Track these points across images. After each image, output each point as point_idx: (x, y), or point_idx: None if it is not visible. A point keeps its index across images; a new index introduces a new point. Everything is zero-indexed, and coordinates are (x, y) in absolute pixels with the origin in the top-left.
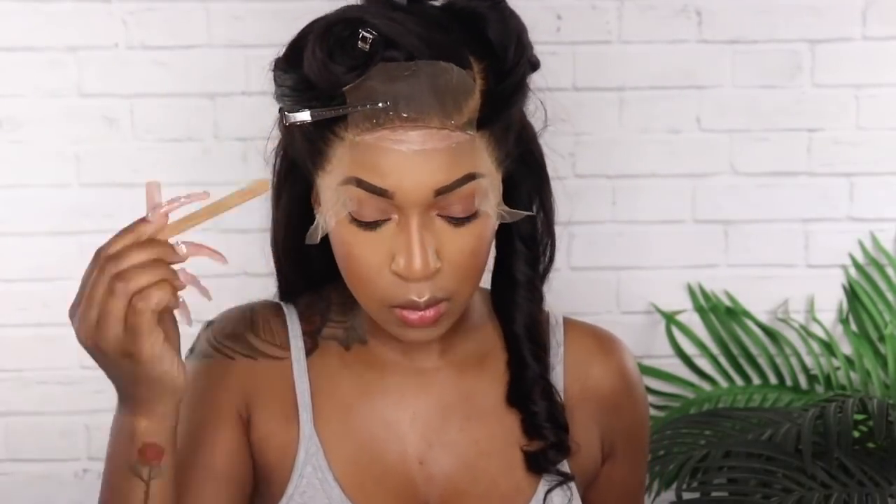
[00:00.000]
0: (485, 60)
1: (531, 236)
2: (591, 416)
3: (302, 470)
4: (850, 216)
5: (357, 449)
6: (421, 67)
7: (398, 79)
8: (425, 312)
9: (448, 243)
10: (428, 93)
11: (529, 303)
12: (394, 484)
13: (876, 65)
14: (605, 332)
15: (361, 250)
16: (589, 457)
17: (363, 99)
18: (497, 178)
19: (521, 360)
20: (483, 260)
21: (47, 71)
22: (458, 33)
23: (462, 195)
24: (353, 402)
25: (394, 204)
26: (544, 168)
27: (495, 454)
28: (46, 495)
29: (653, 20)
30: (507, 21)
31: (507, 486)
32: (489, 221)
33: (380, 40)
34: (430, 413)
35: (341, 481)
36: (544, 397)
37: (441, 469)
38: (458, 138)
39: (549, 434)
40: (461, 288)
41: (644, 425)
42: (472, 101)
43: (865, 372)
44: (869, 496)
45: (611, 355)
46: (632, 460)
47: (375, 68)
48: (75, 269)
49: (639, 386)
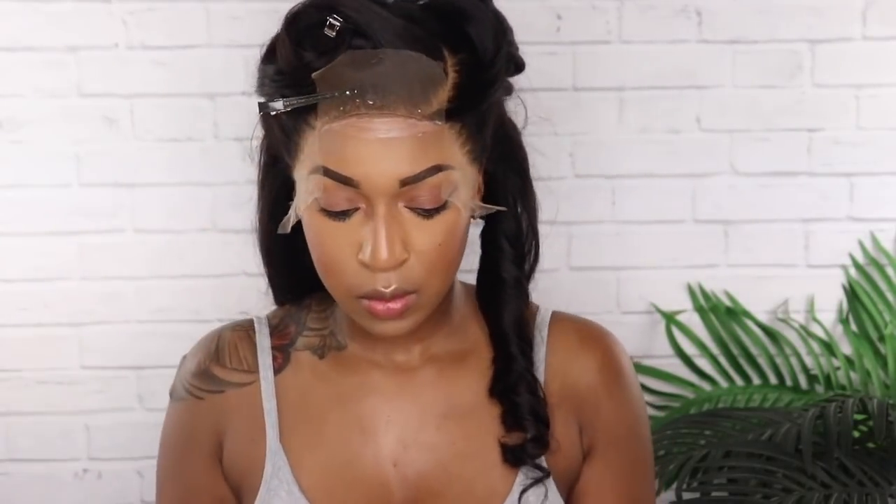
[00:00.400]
0: (460, 53)
1: (516, 236)
2: (570, 413)
3: (269, 484)
4: (850, 216)
5: (327, 457)
6: (388, 55)
7: (365, 66)
8: (392, 303)
9: (416, 234)
10: (394, 81)
11: (517, 300)
12: (365, 488)
13: (876, 65)
14: (591, 327)
15: (329, 239)
16: (568, 456)
17: (331, 86)
18: (471, 172)
19: (509, 355)
20: (453, 254)
21: (47, 71)
22: (434, 26)
23: (429, 186)
24: (326, 411)
25: (360, 193)
26: (526, 167)
27: (471, 455)
28: (46, 495)
29: (653, 20)
30: (488, 17)
31: (483, 486)
32: (459, 215)
33: (348, 28)
34: (408, 413)
35: (309, 493)
36: (528, 391)
37: (415, 470)
38: (424, 128)
39: (529, 427)
40: (429, 280)
41: (630, 425)
42: (442, 91)
43: (865, 372)
44: (869, 496)
45: (592, 350)
46: (614, 463)
47: (343, 55)
48: (75, 269)
49: (622, 383)
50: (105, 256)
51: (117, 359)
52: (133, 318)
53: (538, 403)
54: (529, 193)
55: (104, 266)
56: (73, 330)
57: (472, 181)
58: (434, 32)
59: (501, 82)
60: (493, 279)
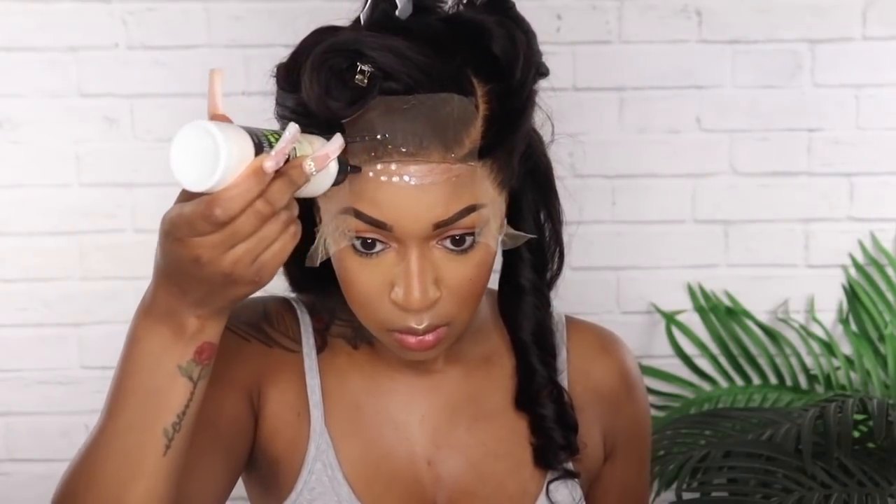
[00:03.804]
0: (490, 83)
1: (538, 243)
2: (593, 415)
3: (312, 466)
4: (850, 216)
5: (366, 448)
6: (420, 100)
7: (397, 112)
8: (424, 337)
9: (447, 272)
10: (427, 127)
11: (536, 310)
12: (402, 484)
13: (876, 65)
14: (606, 331)
15: (361, 277)
16: (592, 455)
17: (362, 131)
18: (500, 202)
19: (529, 366)
20: (483, 284)
21: (47, 71)
22: (461, 53)
23: (462, 226)
24: (363, 402)
25: (393, 235)
26: (550, 179)
27: (502, 455)
28: (46, 495)
29: (653, 20)
30: (514, 35)
31: (514, 486)
32: (490, 249)
33: (377, 74)
34: (438, 414)
35: (350, 479)
36: (553, 400)
37: (449, 470)
38: (458, 171)
39: (557, 437)
40: (460, 313)
41: (644, 426)
42: (474, 130)
43: (865, 372)
44: (869, 496)
45: (612, 354)
46: (632, 461)
47: (374, 102)
48: (75, 269)
49: (639, 386)
50: (105, 256)
51: (117, 359)
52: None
53: (564, 411)
54: (553, 201)
55: (104, 266)
56: (73, 330)
57: (501, 210)
58: (461, 61)
59: (532, 105)
60: (512, 286)
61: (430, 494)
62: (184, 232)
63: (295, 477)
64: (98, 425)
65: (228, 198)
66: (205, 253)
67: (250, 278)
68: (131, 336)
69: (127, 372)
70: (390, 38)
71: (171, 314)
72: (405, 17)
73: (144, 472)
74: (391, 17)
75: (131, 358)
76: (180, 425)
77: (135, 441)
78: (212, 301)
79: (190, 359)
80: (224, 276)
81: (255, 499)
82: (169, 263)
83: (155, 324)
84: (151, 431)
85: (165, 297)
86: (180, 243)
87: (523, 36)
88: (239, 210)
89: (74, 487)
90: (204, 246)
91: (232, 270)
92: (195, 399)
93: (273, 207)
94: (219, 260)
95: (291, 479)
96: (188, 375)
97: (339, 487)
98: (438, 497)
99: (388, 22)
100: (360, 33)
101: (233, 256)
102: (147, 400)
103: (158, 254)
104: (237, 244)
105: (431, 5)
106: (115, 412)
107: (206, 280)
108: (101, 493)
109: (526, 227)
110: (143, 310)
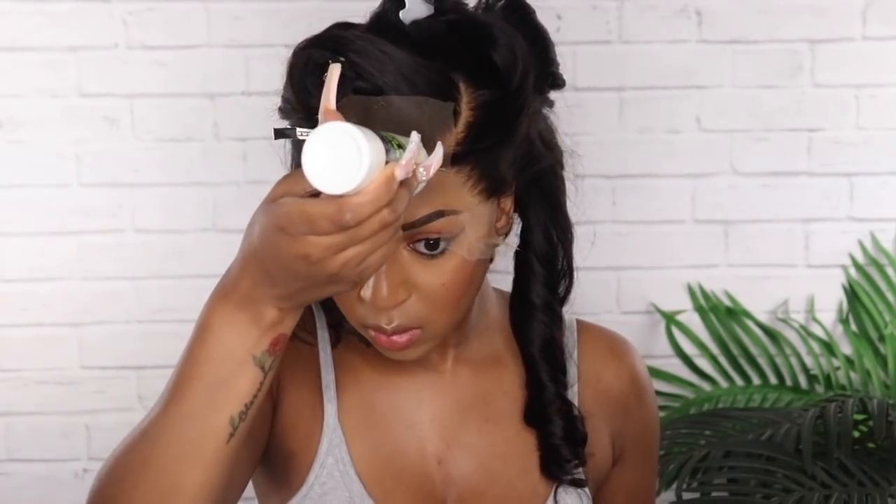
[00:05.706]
0: (482, 89)
1: (548, 257)
2: (602, 420)
3: (324, 460)
4: (850, 216)
5: (378, 444)
6: (390, 102)
7: (368, 111)
8: (395, 338)
9: (418, 274)
10: (396, 129)
11: (546, 327)
12: (413, 482)
13: (876, 65)
14: (617, 335)
15: None
16: (600, 460)
17: None
18: (485, 209)
19: (538, 382)
20: (461, 290)
21: (47, 71)
22: (455, 58)
23: (431, 230)
24: (375, 398)
25: None
26: (554, 193)
27: (512, 456)
28: (46, 495)
29: (653, 20)
30: (516, 43)
31: (524, 487)
32: (465, 257)
33: (349, 73)
34: (449, 414)
35: (362, 475)
36: (561, 416)
37: (459, 469)
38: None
39: (565, 452)
40: (434, 317)
41: (653, 430)
42: (450, 135)
43: (865, 372)
44: (869, 496)
45: (623, 359)
46: (640, 464)
47: (346, 99)
48: (75, 269)
49: (649, 390)
50: (105, 256)
51: (117, 359)
52: (133, 318)
53: (573, 427)
54: (558, 217)
55: (104, 266)
56: (73, 330)
57: (487, 218)
58: (452, 64)
59: (527, 115)
60: (523, 301)
61: (441, 493)
62: (301, 229)
63: (306, 471)
64: (158, 410)
65: (360, 203)
66: (316, 252)
67: (352, 279)
68: (204, 321)
69: (196, 357)
70: (378, 38)
71: (252, 302)
72: (413, 18)
73: (206, 459)
74: (393, 17)
75: (203, 343)
76: (246, 414)
77: (200, 428)
78: (303, 296)
79: (265, 349)
80: (329, 276)
81: (262, 495)
82: (269, 255)
83: (234, 310)
84: (218, 419)
85: (250, 284)
86: (291, 239)
87: (530, 45)
88: (367, 216)
89: (123, 472)
90: (318, 246)
91: (339, 272)
92: (263, 389)
93: (396, 215)
94: (329, 260)
95: (303, 473)
96: (261, 365)
97: (351, 483)
98: (448, 495)
99: (389, 22)
100: (348, 31)
101: (343, 258)
102: (216, 387)
103: (256, 242)
104: (351, 247)
105: (454, 6)
106: (180, 398)
107: (306, 277)
108: (156, 478)
109: (535, 239)
110: (222, 294)
